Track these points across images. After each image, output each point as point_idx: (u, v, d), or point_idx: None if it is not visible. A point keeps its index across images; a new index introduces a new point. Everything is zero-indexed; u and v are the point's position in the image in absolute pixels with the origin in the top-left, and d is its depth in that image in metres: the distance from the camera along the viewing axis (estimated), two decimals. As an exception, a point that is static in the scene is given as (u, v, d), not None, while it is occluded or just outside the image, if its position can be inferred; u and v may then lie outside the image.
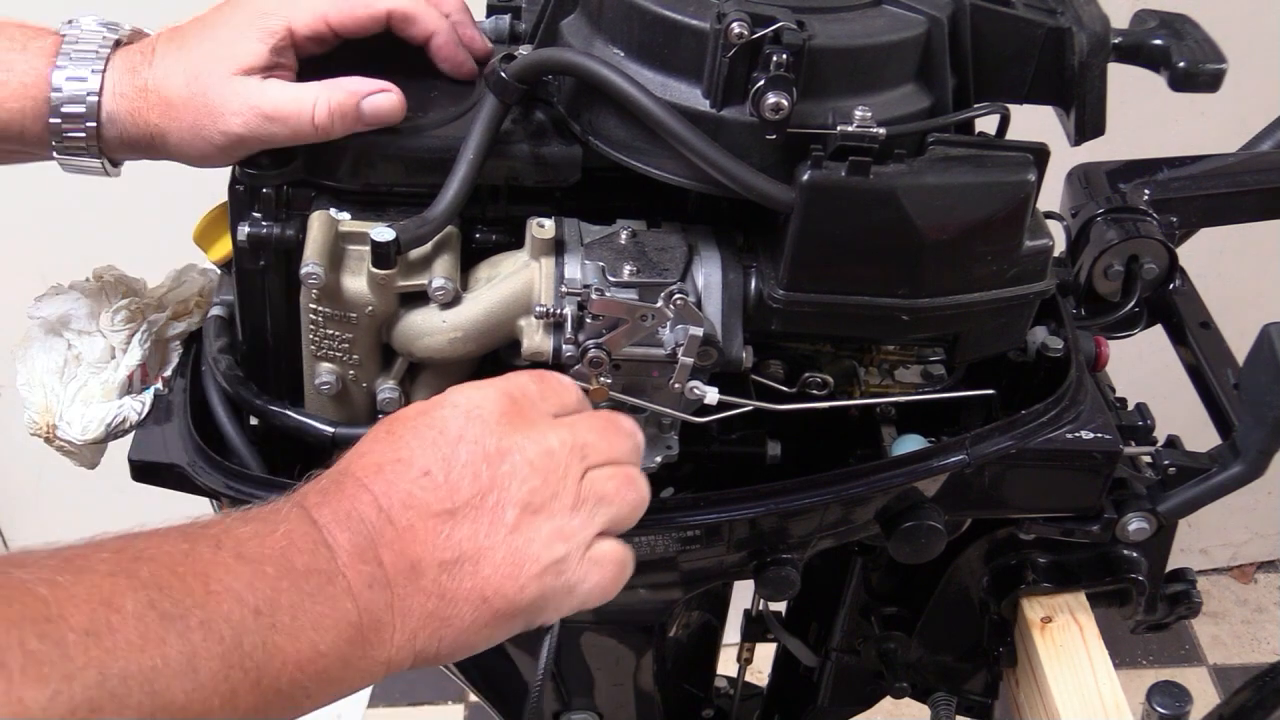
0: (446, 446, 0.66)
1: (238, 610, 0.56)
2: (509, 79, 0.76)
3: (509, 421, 0.67)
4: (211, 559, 0.57)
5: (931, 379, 0.88)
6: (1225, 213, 1.07)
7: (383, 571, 0.62)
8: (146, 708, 0.52)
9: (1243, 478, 0.88)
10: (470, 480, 0.65)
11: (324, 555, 0.61)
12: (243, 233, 0.79)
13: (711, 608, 1.06)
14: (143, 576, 0.54)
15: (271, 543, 0.60)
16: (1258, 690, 1.06)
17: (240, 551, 0.58)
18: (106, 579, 0.54)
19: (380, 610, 0.61)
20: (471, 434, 0.66)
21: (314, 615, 0.59)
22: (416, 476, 0.65)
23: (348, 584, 0.61)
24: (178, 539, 0.58)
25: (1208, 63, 0.82)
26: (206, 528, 0.59)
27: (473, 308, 0.77)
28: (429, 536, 0.64)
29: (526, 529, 0.65)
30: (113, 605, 0.52)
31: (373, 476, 0.65)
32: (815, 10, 0.73)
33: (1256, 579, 2.35)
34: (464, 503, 0.65)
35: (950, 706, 1.06)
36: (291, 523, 0.61)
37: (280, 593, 0.58)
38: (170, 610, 0.54)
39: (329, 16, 0.77)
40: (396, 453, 0.66)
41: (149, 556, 0.56)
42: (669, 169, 0.75)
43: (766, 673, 1.25)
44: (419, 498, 0.64)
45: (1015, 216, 0.76)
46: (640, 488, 0.71)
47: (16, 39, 0.78)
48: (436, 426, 0.66)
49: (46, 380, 0.87)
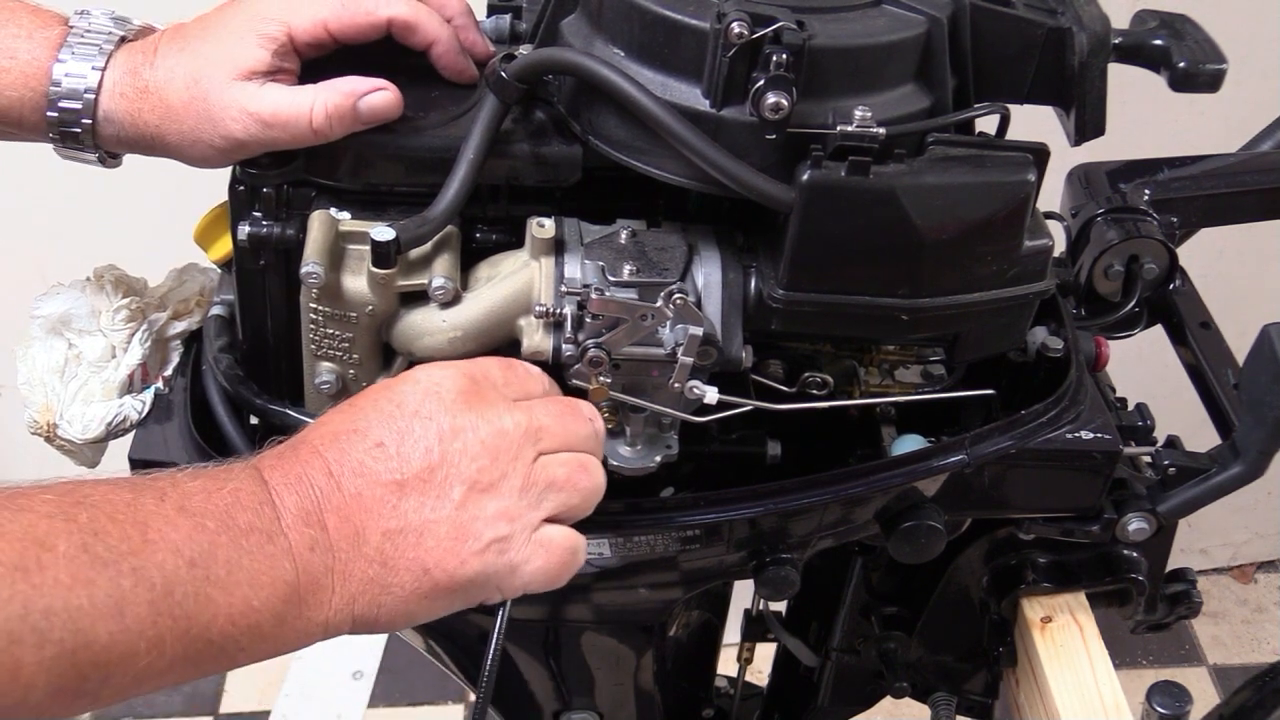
0: (402, 420, 0.67)
1: (172, 560, 0.58)
2: (509, 79, 0.76)
3: (466, 401, 0.69)
4: (154, 509, 0.59)
5: (931, 379, 0.88)
6: (1225, 213, 1.07)
7: (326, 535, 0.64)
8: (69, 644, 0.54)
9: (1243, 478, 0.88)
10: (421, 454, 0.67)
11: (268, 515, 0.63)
12: (243, 232, 0.79)
13: (711, 608, 1.06)
14: (80, 521, 0.56)
15: (217, 499, 0.62)
16: (1258, 690, 1.06)
17: (184, 505, 0.60)
18: (43, 520, 0.55)
19: (319, 573, 0.63)
20: (427, 410, 0.68)
21: (250, 571, 0.61)
22: (370, 447, 0.66)
23: (289, 544, 0.62)
24: (124, 488, 0.60)
25: (1208, 63, 0.82)
26: (155, 480, 0.61)
27: (473, 307, 0.77)
28: (376, 505, 0.65)
29: (472, 506, 0.67)
30: (45, 545, 0.54)
31: (328, 444, 0.67)
32: (815, 10, 0.73)
33: (1256, 579, 2.35)
34: (413, 475, 0.66)
35: (950, 706, 1.06)
36: (240, 481, 0.63)
37: (218, 547, 0.60)
38: (103, 554, 0.56)
39: (329, 23, 0.77)
40: (354, 423, 0.68)
41: (91, 503, 0.58)
42: (669, 169, 0.75)
43: (766, 673, 1.25)
44: (370, 467, 0.66)
45: (1015, 216, 0.76)
46: (594, 475, 0.72)
47: (25, 26, 0.79)
48: (395, 401, 0.68)
49: (47, 379, 0.87)
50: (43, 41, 0.78)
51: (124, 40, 0.79)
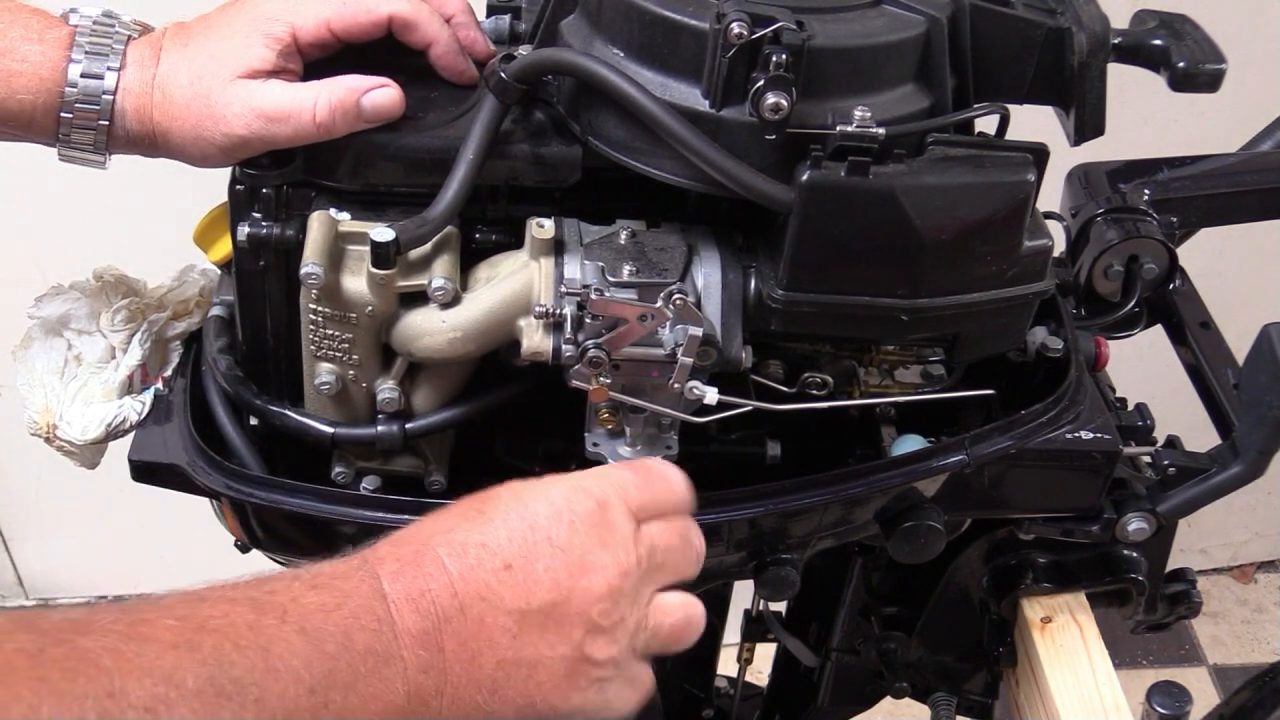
0: (532, 544, 0.65)
1: (293, 689, 0.56)
2: (509, 79, 0.76)
3: (596, 532, 0.67)
4: (274, 633, 0.57)
5: (931, 379, 0.88)
6: (1225, 213, 1.08)
7: (442, 658, 0.62)
8: None
9: (1243, 478, 0.88)
10: (549, 586, 0.65)
11: (386, 636, 0.61)
12: (243, 233, 0.79)
13: (711, 608, 1.06)
14: (205, 650, 0.55)
15: (337, 619, 0.60)
16: (1258, 690, 1.06)
17: (304, 625, 0.58)
18: (169, 651, 0.54)
19: (429, 695, 0.62)
20: (560, 538, 0.66)
21: (364, 696, 0.59)
22: (498, 568, 0.64)
23: (404, 667, 0.61)
24: (245, 608, 0.58)
25: (1207, 63, 0.82)
26: (275, 594, 0.59)
27: (472, 308, 0.77)
28: (495, 633, 0.64)
29: (588, 647, 0.66)
30: (173, 681, 0.53)
31: (455, 558, 0.64)
32: (815, 10, 0.73)
33: (1256, 579, 2.35)
34: (537, 608, 0.64)
35: (950, 706, 1.06)
36: (361, 598, 0.61)
37: (336, 672, 0.58)
38: (228, 688, 0.54)
39: (331, 22, 0.77)
40: (483, 536, 0.65)
41: (213, 628, 0.56)
42: (669, 169, 0.75)
43: (766, 673, 1.25)
44: (495, 591, 0.64)
45: (1015, 216, 0.76)
46: (697, 626, 0.72)
47: (32, 27, 0.78)
48: (528, 521, 0.66)
49: (47, 380, 0.87)
50: (53, 43, 0.78)
51: (130, 39, 0.79)
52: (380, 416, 0.82)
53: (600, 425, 0.80)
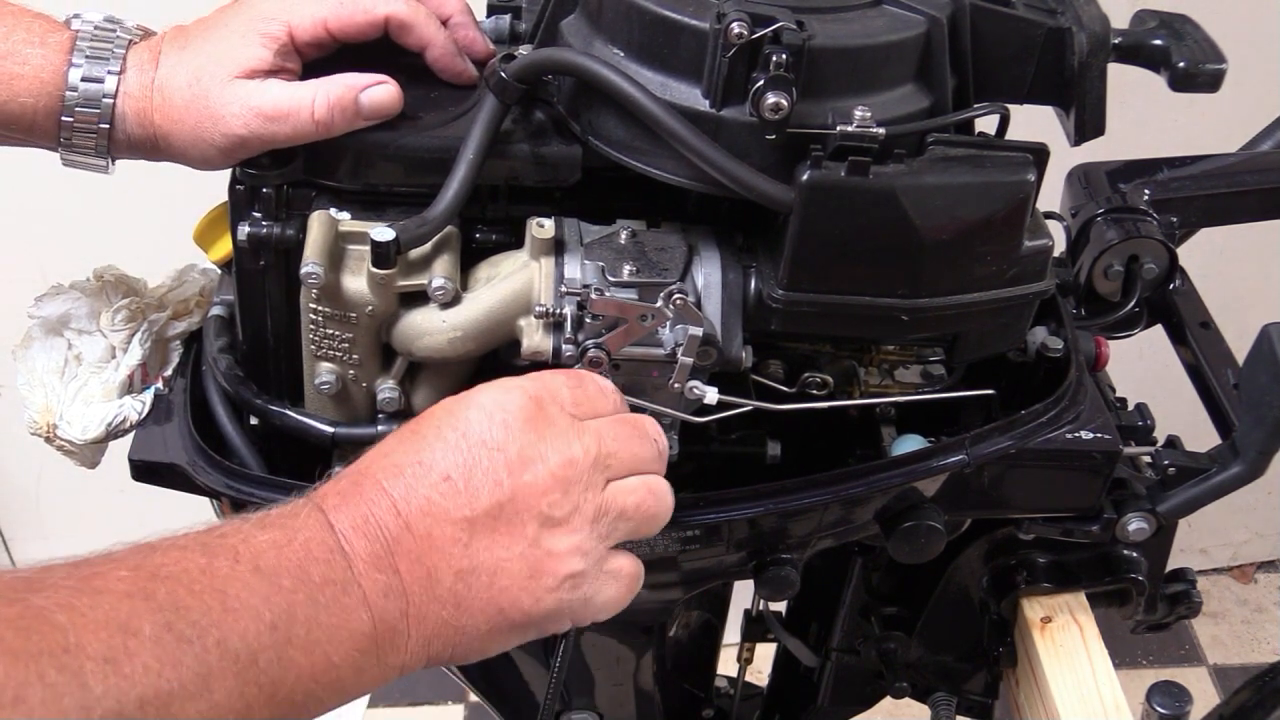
0: (468, 451, 0.65)
1: (254, 626, 0.56)
2: (509, 79, 0.76)
3: (533, 426, 0.66)
4: (229, 573, 0.57)
5: (931, 379, 0.88)
6: (1225, 213, 1.07)
7: (399, 580, 0.62)
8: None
9: (1243, 478, 0.88)
10: (491, 488, 0.64)
11: (340, 565, 0.61)
12: (243, 233, 0.79)
13: (711, 608, 1.06)
14: (160, 598, 0.54)
15: (289, 553, 0.60)
16: (1258, 690, 1.06)
17: (258, 564, 0.58)
18: (124, 601, 0.53)
19: (395, 619, 0.62)
20: (495, 439, 0.65)
21: (328, 627, 0.59)
22: (436, 481, 0.64)
23: (363, 594, 0.61)
24: (196, 553, 0.58)
25: (1208, 63, 0.82)
26: (225, 537, 0.59)
27: (472, 307, 0.77)
28: (447, 545, 0.63)
29: (545, 542, 0.65)
30: (130, 629, 0.52)
31: (393, 479, 0.64)
32: (815, 10, 0.73)
33: (1256, 579, 2.35)
34: (483, 511, 0.64)
35: (950, 706, 1.06)
36: (310, 530, 0.61)
37: (296, 605, 0.58)
38: (187, 632, 0.54)
39: (328, 21, 0.77)
40: (418, 454, 0.65)
41: (166, 574, 0.56)
42: (669, 169, 0.75)
43: (766, 673, 1.25)
44: (438, 504, 0.64)
45: (1015, 216, 0.76)
46: (663, 499, 0.70)
47: (34, 31, 0.78)
48: (460, 429, 0.66)
49: (47, 380, 0.87)
50: (55, 47, 0.78)
51: (131, 44, 0.79)
52: (380, 416, 0.82)
53: (600, 425, 0.80)
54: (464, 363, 0.81)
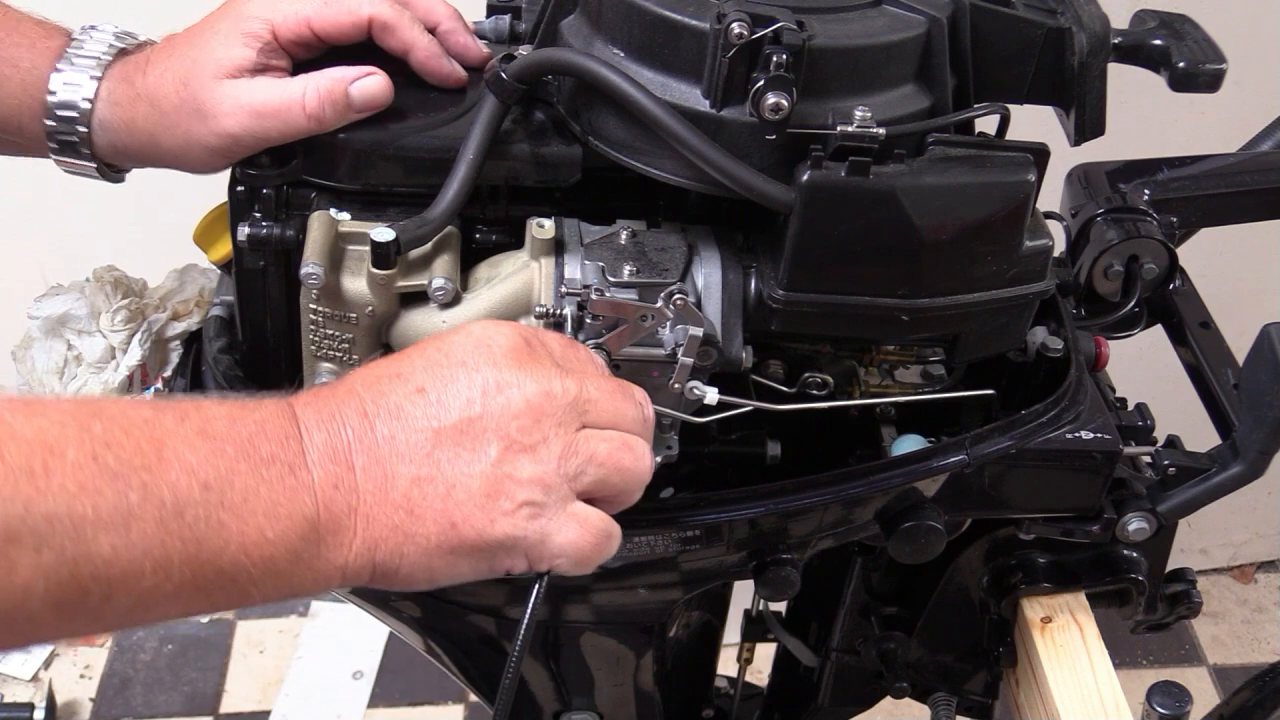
0: (447, 368, 0.66)
1: (185, 480, 0.57)
2: (509, 79, 0.76)
3: (516, 358, 0.67)
4: (172, 429, 0.58)
5: (931, 379, 0.88)
6: (1225, 213, 1.07)
7: (352, 476, 0.62)
8: (69, 553, 0.53)
9: (1243, 478, 0.88)
10: (462, 404, 0.65)
11: (293, 448, 0.61)
12: (243, 233, 0.79)
13: (711, 608, 1.06)
14: (94, 431, 0.55)
15: (241, 427, 0.60)
16: (1258, 690, 1.06)
17: (205, 428, 0.59)
18: (56, 426, 0.54)
19: (342, 512, 0.62)
20: (475, 361, 0.66)
21: (267, 501, 0.59)
22: (410, 391, 0.65)
23: (311, 480, 0.61)
24: (145, 407, 0.59)
25: (1208, 63, 0.82)
26: (179, 403, 0.60)
27: (473, 308, 0.77)
28: (408, 450, 0.64)
29: (508, 464, 0.65)
30: (55, 451, 0.53)
31: (368, 385, 0.65)
32: (815, 10, 0.73)
33: (1256, 579, 2.35)
34: (451, 425, 0.64)
35: (950, 706, 1.06)
36: (268, 412, 0.62)
37: (236, 474, 0.58)
38: (113, 466, 0.55)
39: (312, 20, 0.78)
40: (397, 368, 0.66)
41: (107, 415, 0.56)
42: (669, 169, 0.75)
43: (766, 673, 1.25)
44: (407, 411, 0.64)
45: (1015, 216, 0.76)
46: (640, 457, 0.69)
47: (28, 36, 0.80)
48: (443, 350, 0.67)
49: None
50: (44, 51, 0.79)
51: (123, 52, 0.80)
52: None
53: (600, 425, 0.80)
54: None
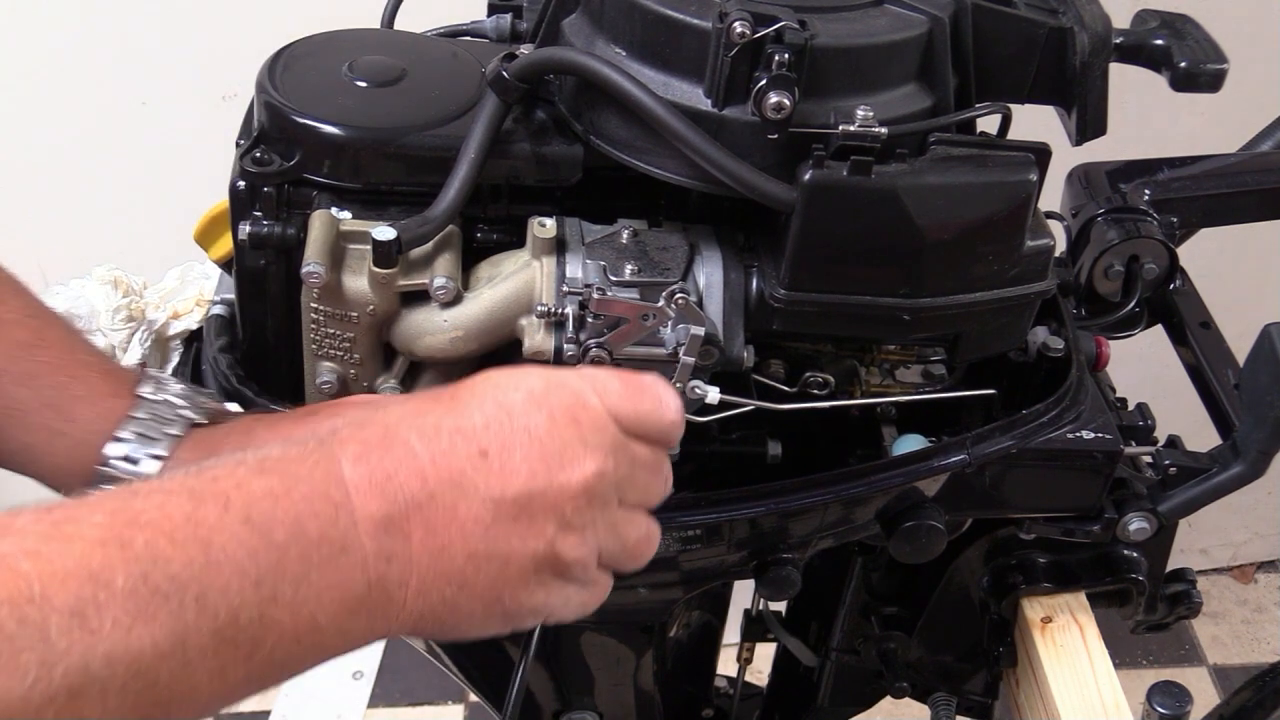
0: (509, 431, 0.62)
1: (237, 582, 0.53)
2: (510, 78, 0.76)
3: (575, 427, 0.63)
4: (216, 523, 0.54)
5: (932, 379, 0.88)
6: (1225, 213, 1.07)
7: (408, 547, 0.59)
8: (131, 689, 0.49)
9: (1243, 478, 0.88)
10: (526, 476, 0.61)
11: (344, 523, 0.57)
12: (244, 232, 0.79)
13: (711, 608, 1.06)
14: (137, 547, 0.51)
15: (286, 505, 0.56)
16: (1258, 690, 1.06)
17: (249, 514, 0.55)
18: (97, 549, 0.50)
19: (393, 586, 0.58)
20: (537, 426, 0.62)
21: (319, 586, 0.56)
22: (472, 454, 0.61)
23: (364, 555, 0.57)
24: (182, 498, 0.54)
25: (1209, 63, 0.82)
26: (216, 481, 0.55)
27: (474, 307, 0.77)
28: (468, 522, 0.60)
29: (559, 543, 0.63)
30: (101, 580, 0.49)
31: (426, 441, 0.60)
32: (817, 10, 0.73)
33: (1256, 579, 2.35)
34: (512, 497, 0.61)
35: (950, 706, 1.06)
36: (315, 482, 0.57)
37: (286, 562, 0.55)
38: (164, 586, 0.51)
39: None
40: (456, 420, 0.61)
41: (146, 521, 0.52)
42: (670, 168, 0.75)
43: (766, 673, 1.25)
44: (469, 477, 0.60)
45: (1016, 216, 0.76)
46: (655, 544, 0.69)
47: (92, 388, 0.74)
48: (504, 406, 0.62)
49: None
50: (105, 412, 0.73)
51: (192, 426, 0.74)
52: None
53: (601, 425, 0.80)
54: (465, 363, 0.81)
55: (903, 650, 1.04)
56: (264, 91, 0.79)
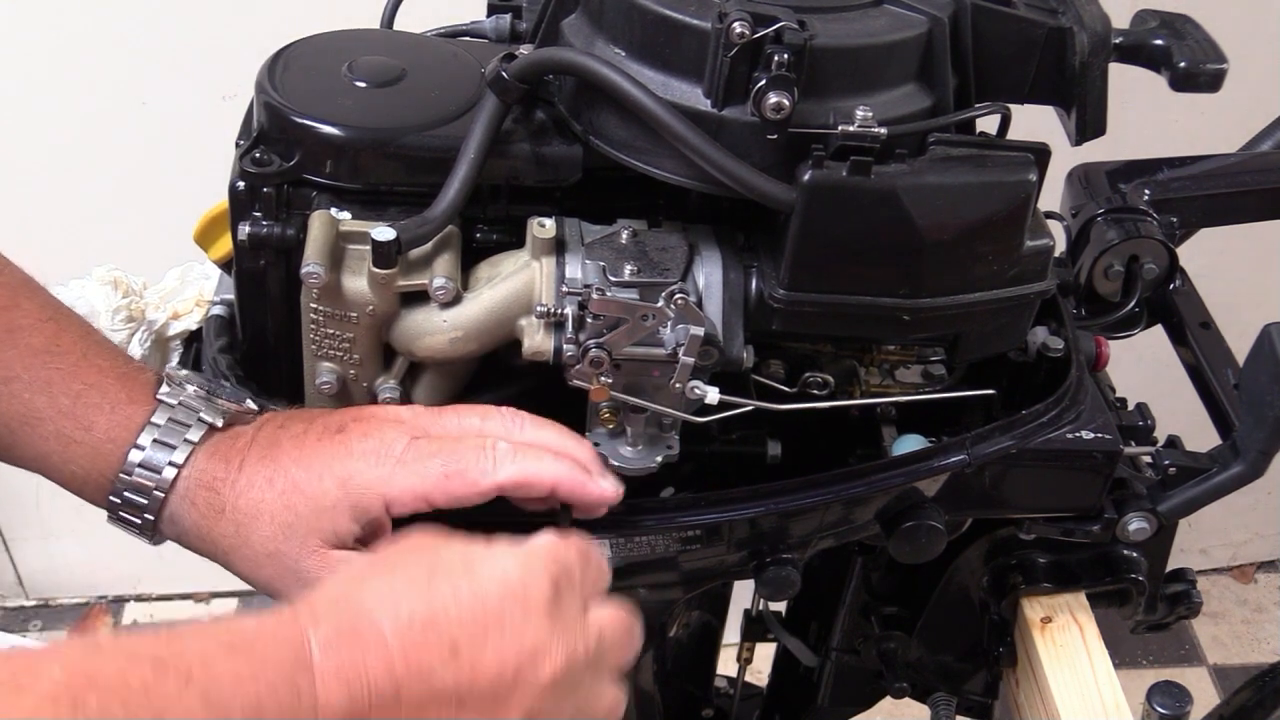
0: (481, 624, 0.61)
1: None
2: (510, 78, 0.76)
3: (550, 617, 0.63)
4: (174, 698, 0.52)
5: (932, 379, 0.88)
6: (1225, 213, 1.07)
7: None
8: None
9: (1243, 478, 0.88)
10: (494, 672, 0.61)
11: (304, 707, 0.56)
12: (243, 232, 0.79)
13: (711, 608, 1.06)
14: (89, 709, 0.49)
15: (250, 688, 0.55)
16: (1258, 690, 1.06)
17: (208, 693, 0.53)
18: (48, 704, 0.49)
19: None
20: (511, 617, 0.62)
21: None
22: (444, 651, 0.60)
23: None
24: (145, 665, 0.53)
25: (1208, 63, 0.82)
26: (183, 655, 0.54)
27: (473, 307, 0.77)
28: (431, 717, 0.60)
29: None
30: None
31: (399, 634, 0.59)
32: (816, 10, 0.73)
33: (1256, 579, 2.35)
34: (479, 694, 0.61)
35: (950, 706, 1.06)
36: (281, 668, 0.56)
37: None
38: None
39: (430, 495, 0.72)
40: (430, 609, 0.61)
41: (104, 684, 0.51)
42: (670, 169, 0.75)
43: (766, 673, 1.25)
44: (438, 675, 0.60)
45: (1016, 216, 0.76)
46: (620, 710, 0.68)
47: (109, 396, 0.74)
48: (479, 597, 0.62)
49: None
50: (122, 420, 0.73)
51: (211, 430, 0.74)
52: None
53: (601, 425, 0.80)
54: (465, 363, 0.81)
55: (903, 650, 1.04)
56: (264, 91, 0.79)
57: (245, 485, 0.72)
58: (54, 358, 0.74)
